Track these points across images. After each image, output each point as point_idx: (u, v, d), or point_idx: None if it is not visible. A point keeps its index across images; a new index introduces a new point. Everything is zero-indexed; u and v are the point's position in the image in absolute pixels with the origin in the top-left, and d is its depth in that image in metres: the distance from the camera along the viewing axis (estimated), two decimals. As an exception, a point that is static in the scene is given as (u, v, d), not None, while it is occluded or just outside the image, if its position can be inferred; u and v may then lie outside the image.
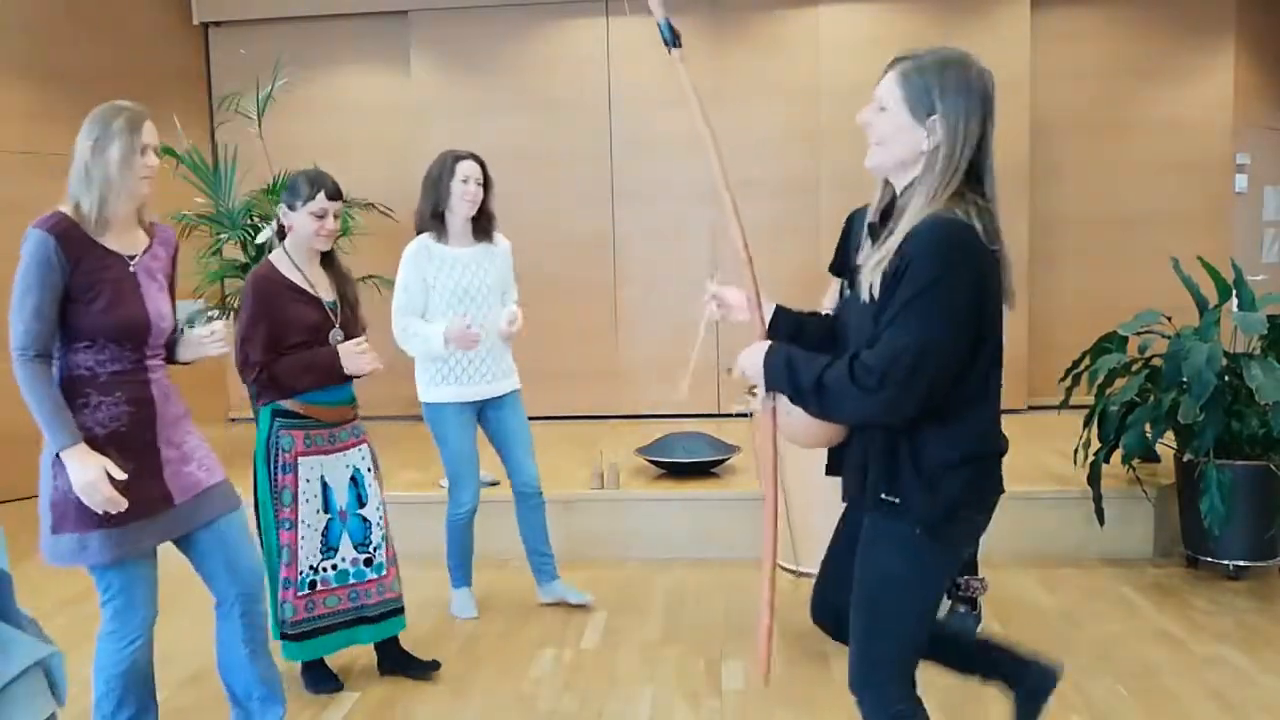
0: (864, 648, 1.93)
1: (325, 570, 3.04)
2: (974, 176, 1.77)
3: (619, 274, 6.52)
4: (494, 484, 4.49)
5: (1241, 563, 3.86)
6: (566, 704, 3.03)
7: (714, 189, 1.96)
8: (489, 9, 6.40)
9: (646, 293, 6.50)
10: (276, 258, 2.98)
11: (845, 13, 6.22)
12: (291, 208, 2.93)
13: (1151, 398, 3.95)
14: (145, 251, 2.44)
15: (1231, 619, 3.56)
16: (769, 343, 1.91)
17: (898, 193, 1.83)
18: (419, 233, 3.51)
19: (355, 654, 3.37)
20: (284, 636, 3.00)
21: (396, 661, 3.24)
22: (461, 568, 3.74)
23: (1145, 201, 6.33)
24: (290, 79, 5.86)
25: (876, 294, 1.76)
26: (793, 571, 3.44)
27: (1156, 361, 3.99)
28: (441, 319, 3.44)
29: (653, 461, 4.69)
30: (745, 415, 2.12)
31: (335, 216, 2.95)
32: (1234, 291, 4.00)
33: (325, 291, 3.00)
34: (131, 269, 2.38)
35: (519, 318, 3.54)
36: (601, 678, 3.21)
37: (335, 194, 2.94)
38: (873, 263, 1.77)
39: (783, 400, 1.90)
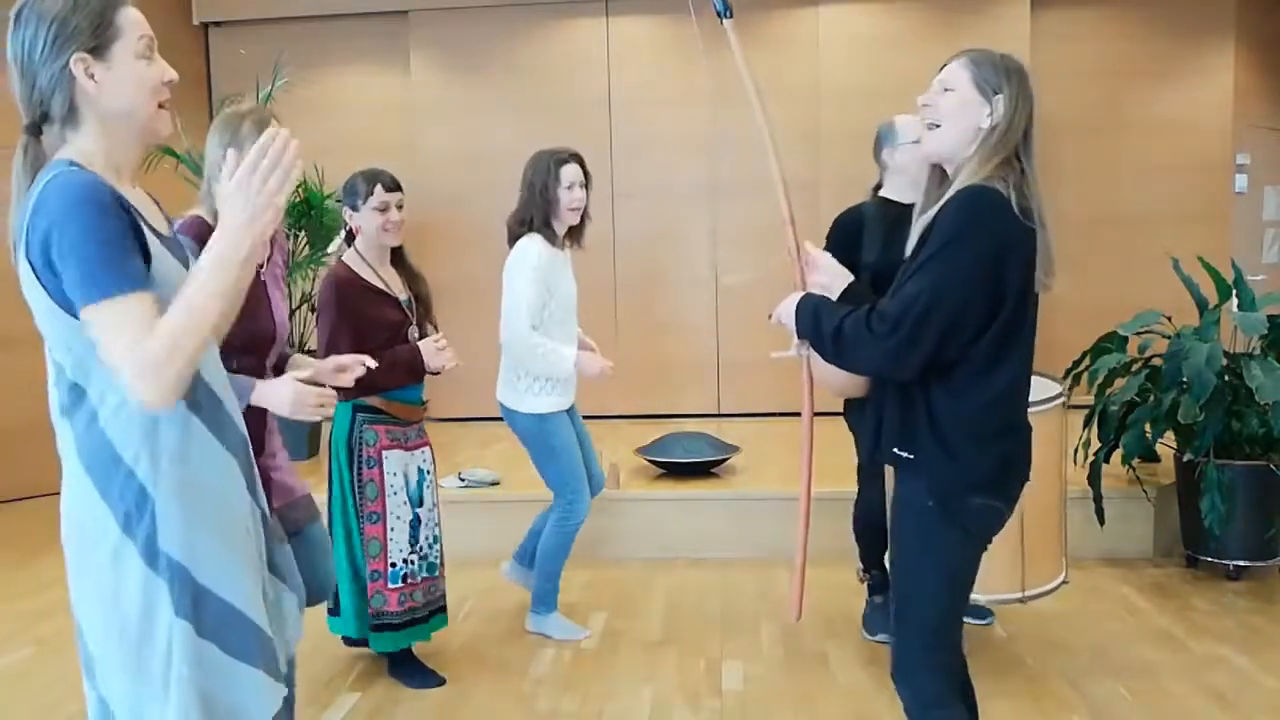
0: (896, 631, 1.98)
1: (413, 563, 3.06)
2: (1019, 163, 1.85)
3: (619, 274, 6.52)
4: (495, 483, 4.50)
5: (1241, 563, 3.86)
6: (566, 704, 3.03)
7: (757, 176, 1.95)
8: (489, 9, 6.40)
9: (646, 293, 6.50)
10: (350, 259, 3.01)
11: (845, 13, 6.22)
12: (355, 209, 2.98)
13: (1151, 398, 3.95)
14: (269, 259, 2.44)
15: (1231, 619, 3.56)
16: (805, 292, 2.00)
17: (950, 175, 1.90)
18: (516, 240, 3.29)
19: (356, 654, 3.38)
20: (376, 628, 3.03)
21: (406, 664, 3.21)
22: (556, 585, 3.55)
23: (1145, 202, 6.33)
24: (290, 79, 5.85)
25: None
26: None
27: (1156, 361, 3.99)
28: (558, 329, 3.32)
29: (653, 461, 4.69)
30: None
31: (398, 207, 3.00)
32: (1234, 291, 4.00)
33: (399, 290, 3.05)
34: (261, 277, 2.38)
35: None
36: (601, 678, 3.21)
37: (393, 185, 2.99)
38: (917, 230, 1.87)
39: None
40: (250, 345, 2.30)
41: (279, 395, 2.17)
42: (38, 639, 3.61)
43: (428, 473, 3.15)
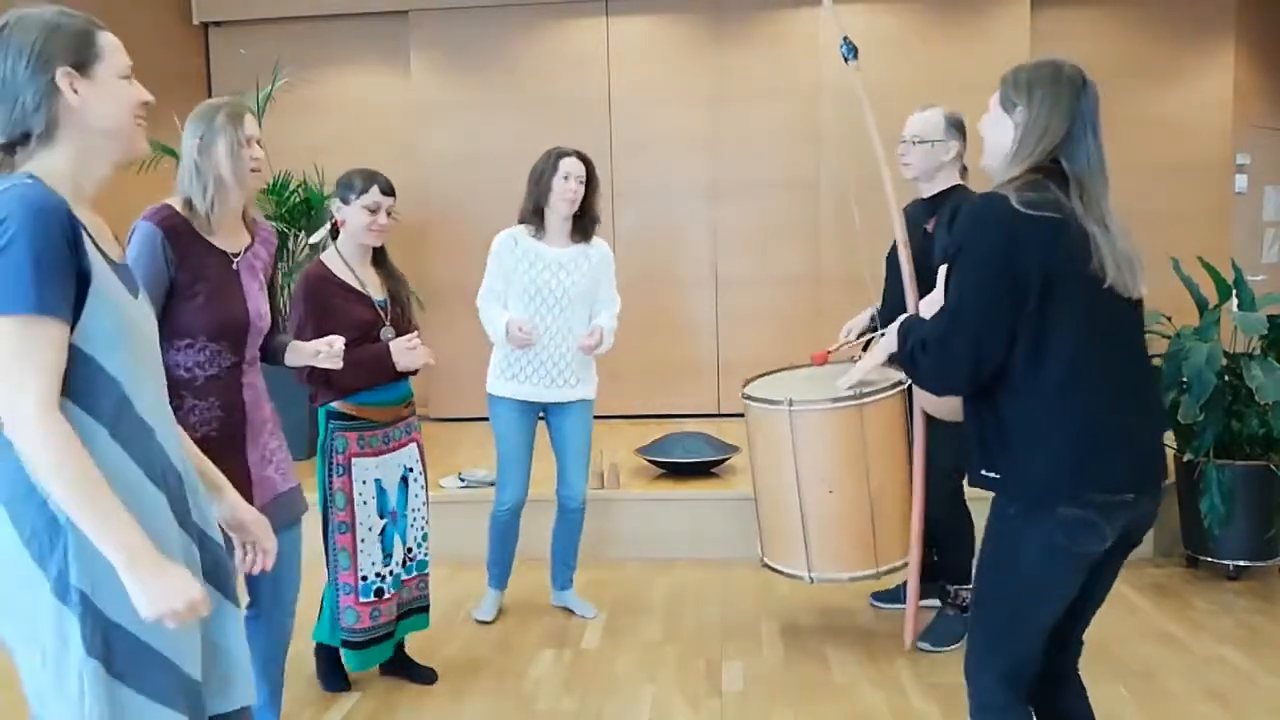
0: (970, 633, 2.00)
1: (387, 578, 2.98)
2: (1060, 171, 1.86)
3: (619, 274, 6.49)
4: (494, 484, 4.48)
5: (1241, 563, 3.87)
6: (566, 704, 3.03)
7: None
8: (489, 9, 6.40)
9: (646, 292, 6.49)
10: (328, 257, 2.99)
11: (846, 13, 6.16)
12: (345, 201, 2.95)
13: (1151, 398, 3.95)
14: (248, 249, 2.44)
15: (1231, 619, 3.56)
16: (906, 315, 2.09)
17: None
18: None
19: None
20: (345, 644, 2.96)
21: (398, 664, 3.21)
22: (497, 566, 3.68)
23: (1145, 202, 6.30)
24: (290, 79, 5.85)
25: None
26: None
27: (1156, 361, 3.98)
28: (516, 313, 3.45)
29: (653, 461, 4.69)
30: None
31: (388, 213, 2.96)
32: (1234, 291, 4.00)
33: (376, 290, 3.01)
34: (235, 266, 2.38)
35: (603, 337, 3.50)
36: (601, 678, 3.21)
37: (389, 190, 2.96)
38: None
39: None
40: (219, 332, 2.32)
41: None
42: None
43: (412, 469, 3.09)
